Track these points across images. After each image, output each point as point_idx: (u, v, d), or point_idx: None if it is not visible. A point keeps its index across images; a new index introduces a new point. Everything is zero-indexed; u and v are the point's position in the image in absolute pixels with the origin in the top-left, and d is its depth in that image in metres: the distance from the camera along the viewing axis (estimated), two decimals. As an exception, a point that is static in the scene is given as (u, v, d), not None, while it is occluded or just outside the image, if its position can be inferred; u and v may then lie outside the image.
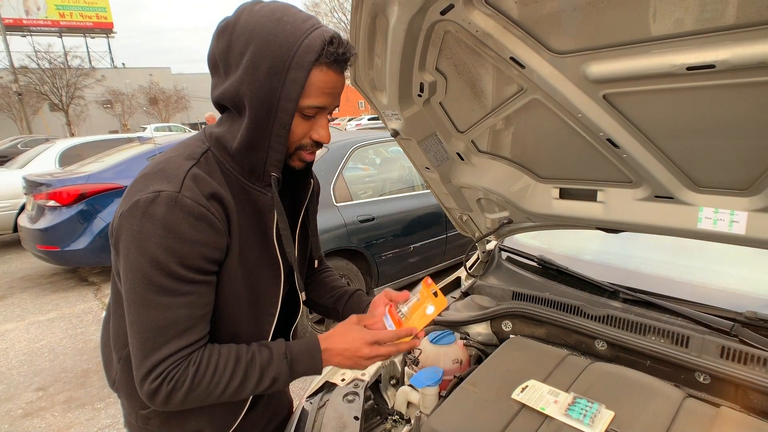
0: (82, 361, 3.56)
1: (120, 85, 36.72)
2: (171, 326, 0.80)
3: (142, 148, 5.23)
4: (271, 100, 0.79)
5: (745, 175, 0.99)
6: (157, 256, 0.77)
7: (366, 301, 1.18)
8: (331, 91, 0.83)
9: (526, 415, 1.05)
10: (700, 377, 1.12)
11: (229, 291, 0.90)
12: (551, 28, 0.91)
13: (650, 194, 1.18)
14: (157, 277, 0.78)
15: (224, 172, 0.88)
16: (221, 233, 0.84)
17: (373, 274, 3.68)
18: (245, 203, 0.90)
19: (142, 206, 0.78)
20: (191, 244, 0.79)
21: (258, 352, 0.89)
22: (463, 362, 1.40)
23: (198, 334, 0.84)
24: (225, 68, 0.83)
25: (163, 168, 0.83)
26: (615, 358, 1.28)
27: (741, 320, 1.17)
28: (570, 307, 1.40)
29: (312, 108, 0.83)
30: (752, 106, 0.84)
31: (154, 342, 0.80)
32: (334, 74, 0.82)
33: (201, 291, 0.83)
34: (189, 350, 0.83)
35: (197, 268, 0.81)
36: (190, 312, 0.82)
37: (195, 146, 0.89)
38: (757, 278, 1.33)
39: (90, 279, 5.46)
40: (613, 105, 1.00)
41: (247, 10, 0.81)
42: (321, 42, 0.77)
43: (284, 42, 0.77)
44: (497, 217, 1.64)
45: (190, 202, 0.79)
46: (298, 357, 0.91)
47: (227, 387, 0.85)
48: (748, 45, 0.74)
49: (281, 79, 0.78)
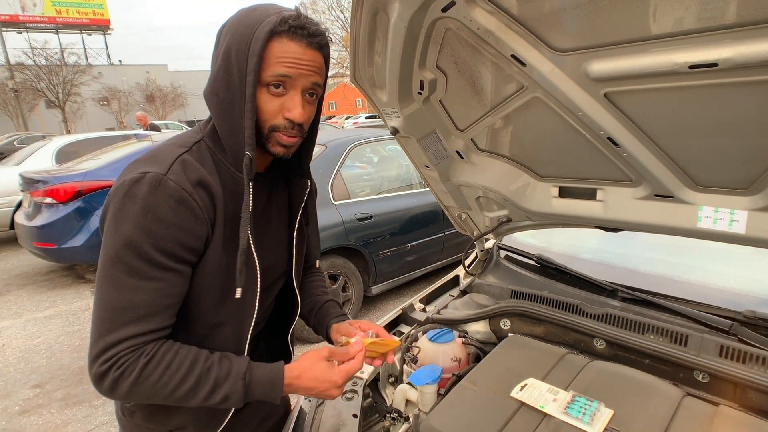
0: (79, 358, 3.54)
1: (117, 82, 36.56)
2: (131, 309, 0.78)
3: (139, 145, 5.21)
4: (240, 79, 0.81)
5: (746, 174, 0.99)
6: (131, 235, 0.77)
7: (331, 315, 1.17)
8: (293, 61, 0.82)
9: (525, 414, 1.04)
10: (699, 376, 1.12)
11: (210, 281, 0.88)
12: (552, 25, 0.91)
13: (650, 193, 1.18)
14: (127, 257, 0.77)
15: (216, 162, 0.89)
16: (201, 221, 0.83)
17: (371, 272, 3.68)
18: (235, 194, 0.89)
19: (127, 185, 0.78)
20: (168, 227, 0.79)
21: (217, 364, 0.85)
22: (462, 360, 1.40)
23: (157, 323, 0.81)
24: (212, 64, 0.87)
25: (155, 154, 0.85)
26: (614, 357, 1.28)
27: (740, 319, 1.18)
28: (569, 306, 1.40)
29: (273, 77, 0.82)
30: (754, 105, 0.84)
31: (111, 322, 0.78)
32: (295, 45, 0.82)
33: (170, 279, 0.81)
34: (144, 338, 0.79)
35: (170, 253, 0.80)
36: (155, 298, 0.80)
37: (189, 136, 0.91)
38: (755, 277, 1.33)
39: (87, 276, 5.44)
40: (614, 103, 1.00)
41: (236, 12, 0.86)
42: (277, 17, 0.80)
43: (249, 24, 0.81)
44: (496, 216, 1.64)
45: (173, 185, 0.79)
46: (258, 381, 0.87)
47: (175, 390, 0.81)
48: (751, 43, 0.74)
49: (244, 57, 0.80)
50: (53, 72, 29.72)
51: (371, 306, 4.09)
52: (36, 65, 29.15)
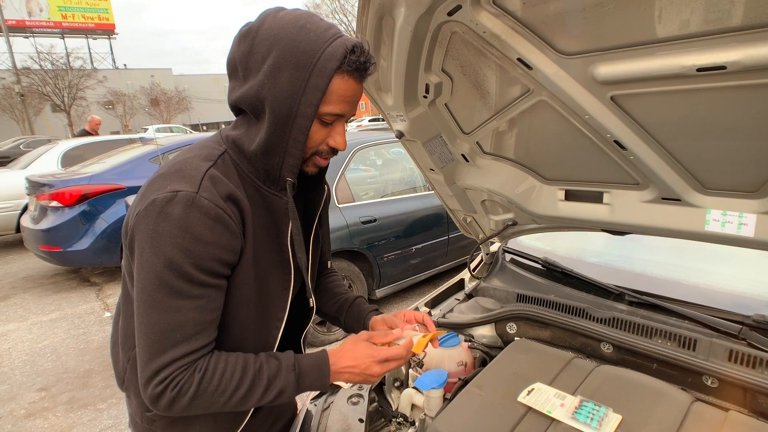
0: (84, 361, 3.55)
1: (121, 86, 36.81)
2: (178, 329, 0.80)
3: (145, 149, 5.23)
4: (291, 105, 0.80)
5: (754, 176, 0.98)
6: (171, 257, 0.77)
7: (366, 310, 1.19)
8: (351, 98, 0.84)
9: (533, 419, 1.04)
10: (708, 381, 1.11)
11: (239, 295, 0.89)
12: (559, 28, 0.91)
13: (657, 196, 1.18)
14: (169, 278, 0.78)
15: (240, 175, 0.88)
16: (236, 236, 0.83)
17: (375, 275, 3.68)
18: (260, 206, 0.90)
19: (159, 205, 0.77)
20: (206, 246, 0.79)
21: (266, 363, 0.88)
22: (468, 365, 1.39)
23: (205, 339, 0.83)
24: (245, 72, 0.83)
25: (181, 168, 0.83)
26: (621, 361, 1.27)
27: (749, 323, 1.16)
28: (575, 310, 1.39)
29: (331, 115, 0.84)
30: (762, 107, 0.83)
31: (160, 345, 0.79)
32: (354, 82, 0.83)
33: (211, 295, 0.83)
34: (195, 356, 0.82)
35: (210, 270, 0.81)
36: (200, 316, 0.81)
37: (212, 148, 0.90)
38: (764, 281, 1.32)
39: (92, 279, 5.47)
40: (620, 106, 1.00)
41: (271, 16, 0.82)
42: (344, 50, 0.79)
43: (307, 48, 0.78)
44: (502, 219, 1.63)
45: (207, 203, 0.79)
46: (307, 370, 0.91)
47: (232, 396, 0.84)
48: (760, 46, 0.73)
49: (302, 85, 0.78)
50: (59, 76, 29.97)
51: (375, 309, 4.08)
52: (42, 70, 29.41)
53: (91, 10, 38.03)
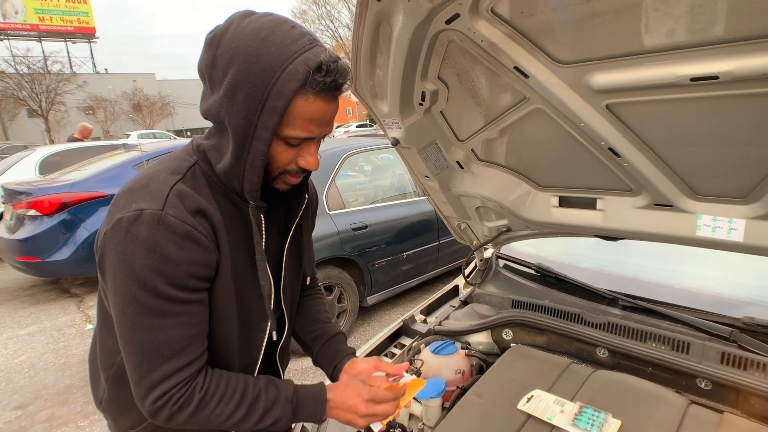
0: (64, 376, 3.44)
1: (102, 91, 36.13)
2: (164, 347, 0.79)
3: (128, 156, 5.12)
4: (248, 128, 0.75)
5: (744, 183, 1.01)
6: (144, 278, 0.75)
7: (344, 351, 1.15)
8: (320, 120, 0.78)
9: (533, 426, 1.04)
10: (702, 383, 1.13)
11: (220, 308, 0.88)
12: (556, 38, 0.92)
13: (650, 202, 1.20)
14: (145, 299, 0.76)
15: (211, 186, 0.85)
16: (209, 250, 0.81)
17: (366, 282, 3.66)
18: (235, 216, 0.87)
19: (125, 226, 0.75)
20: (178, 264, 0.76)
21: (265, 390, 0.88)
22: (465, 372, 1.39)
23: (195, 352, 0.82)
24: (210, 83, 0.80)
25: (147, 183, 0.80)
26: (617, 366, 1.28)
27: (739, 326, 1.19)
28: (570, 315, 1.40)
29: (297, 138, 0.79)
30: (753, 116, 0.86)
31: (149, 363, 0.79)
32: (322, 103, 0.76)
33: (193, 310, 0.81)
34: (189, 370, 0.81)
35: (187, 287, 0.79)
36: (183, 332, 0.80)
37: (182, 159, 0.86)
38: (752, 284, 1.35)
39: (72, 290, 5.31)
40: (615, 114, 1.01)
41: (236, 23, 0.75)
42: (305, 69, 0.71)
43: (266, 66, 0.71)
44: (496, 226, 1.64)
45: (174, 221, 0.76)
46: (304, 403, 0.91)
47: (229, 418, 0.85)
48: (751, 57, 0.76)
49: (259, 107, 0.73)
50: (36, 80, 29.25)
51: (367, 317, 4.06)
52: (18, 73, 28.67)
53: (70, 13, 37.31)
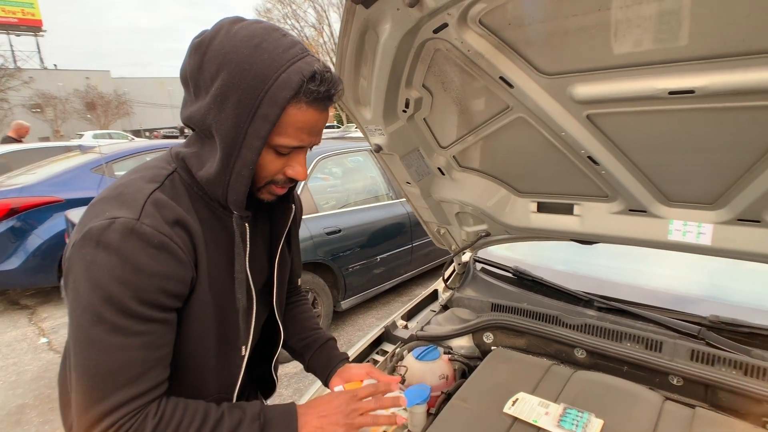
0: (15, 396, 3.20)
1: (52, 88, 34.13)
2: (122, 371, 0.71)
3: (85, 158, 4.85)
4: (236, 136, 0.73)
5: (713, 190, 1.07)
6: (110, 290, 0.69)
7: (337, 357, 1.13)
8: (311, 129, 0.77)
9: (519, 429, 1.06)
10: (674, 380, 1.19)
11: (198, 328, 0.82)
12: (542, 50, 0.94)
13: (625, 208, 1.25)
14: (108, 314, 0.69)
15: (191, 196, 0.82)
16: (185, 265, 0.76)
17: (340, 286, 3.63)
18: (215, 227, 0.84)
19: (95, 234, 0.70)
20: (149, 277, 0.71)
21: (228, 413, 0.81)
22: (449, 377, 1.40)
23: (154, 379, 0.75)
24: (194, 89, 0.77)
25: (122, 192, 0.76)
26: (594, 366, 1.32)
27: (706, 324, 1.26)
28: (548, 317, 1.44)
29: (286, 147, 0.78)
30: (724, 128, 0.91)
31: (101, 389, 0.70)
32: (314, 112, 0.75)
33: (158, 330, 0.75)
34: (144, 399, 0.73)
35: (155, 303, 0.73)
36: (145, 354, 0.73)
37: (160, 168, 0.82)
38: (716, 283, 1.43)
39: (23, 302, 4.97)
40: (595, 124, 1.05)
41: (225, 29, 0.74)
42: (300, 78, 0.71)
43: (259, 72, 0.70)
44: (475, 231, 1.67)
45: (149, 230, 0.71)
46: (272, 422, 0.84)
47: None
48: (725, 74, 0.80)
49: (250, 114, 0.71)
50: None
51: (341, 321, 4.03)
52: (-46, 68, 26.73)
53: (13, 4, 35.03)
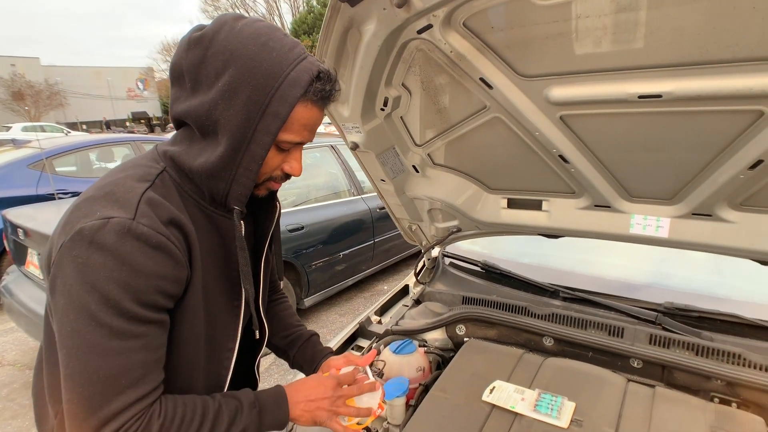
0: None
1: (-30, 75, 31.06)
2: (123, 375, 0.70)
3: (20, 153, 4.46)
4: (246, 131, 0.74)
5: (671, 186, 1.17)
6: (107, 293, 0.67)
7: (322, 352, 1.16)
8: (312, 126, 0.81)
9: (498, 415, 1.11)
10: (634, 363, 1.28)
11: (189, 329, 0.81)
12: (521, 53, 0.98)
13: (590, 203, 1.33)
14: (106, 317, 0.68)
15: (182, 195, 0.80)
16: (181, 265, 0.75)
17: (303, 284, 3.59)
18: (205, 228, 0.83)
19: (88, 235, 0.67)
20: (148, 278, 0.70)
21: (225, 402, 0.83)
22: (426, 369, 1.43)
23: (154, 381, 0.74)
24: (193, 83, 0.76)
25: (111, 191, 0.73)
26: (561, 353, 1.40)
27: (662, 310, 1.37)
28: (517, 308, 1.51)
29: (289, 143, 0.80)
30: (685, 130, 1.00)
31: (103, 395, 0.69)
32: (317, 110, 0.79)
33: (155, 332, 0.74)
34: (146, 401, 0.73)
35: (153, 305, 0.72)
36: (145, 356, 0.72)
37: (148, 166, 0.80)
38: (669, 273, 1.56)
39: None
40: (568, 125, 1.11)
41: (228, 25, 0.74)
42: (309, 76, 0.74)
43: (269, 70, 0.72)
44: (446, 227, 1.71)
45: (147, 230, 0.69)
46: (266, 406, 0.87)
47: None
48: (689, 80, 0.88)
49: (260, 110, 0.73)
50: None
51: (304, 319, 3.98)
52: None
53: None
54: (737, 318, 1.28)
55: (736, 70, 0.85)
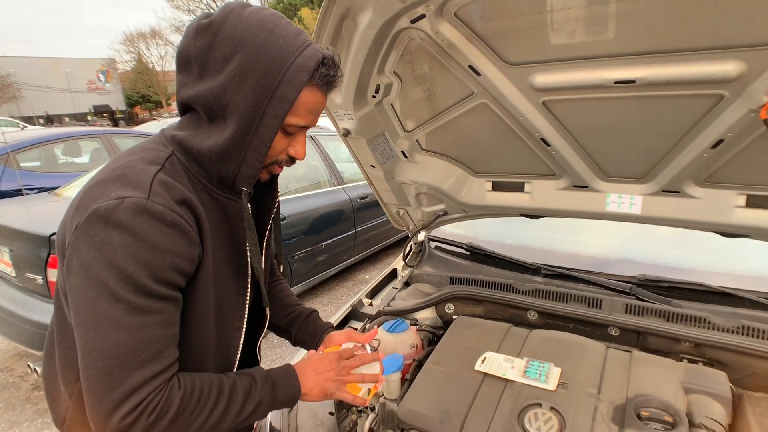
0: None
1: None
2: (143, 349, 0.72)
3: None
4: (255, 114, 0.77)
5: (643, 166, 1.26)
6: (125, 269, 0.69)
7: (323, 327, 1.20)
8: (317, 110, 0.84)
9: (491, 383, 1.19)
10: (612, 331, 1.39)
11: (200, 307, 0.84)
12: (508, 41, 1.05)
13: (569, 184, 1.42)
14: (124, 294, 0.70)
15: (190, 178, 0.83)
16: (194, 243, 0.78)
17: (286, 274, 3.60)
18: (213, 210, 0.86)
19: (104, 215, 0.70)
20: (164, 255, 0.72)
21: (239, 379, 0.87)
22: (418, 346, 1.50)
23: (171, 357, 0.77)
24: (201, 69, 0.78)
25: (123, 173, 0.75)
26: (545, 325, 1.50)
27: (636, 282, 1.48)
28: (502, 285, 1.59)
29: (295, 126, 0.83)
30: (656, 113, 1.08)
31: (123, 369, 0.70)
32: (321, 95, 0.82)
33: (170, 308, 0.77)
34: (165, 375, 0.75)
35: (169, 281, 0.75)
36: (162, 332, 0.74)
37: (157, 150, 0.82)
38: (640, 248, 1.68)
39: None
40: (549, 110, 1.19)
41: (236, 12, 0.77)
42: (315, 62, 0.77)
43: (276, 56, 0.75)
44: (433, 210, 1.77)
45: (161, 209, 0.72)
46: (278, 382, 0.91)
47: (210, 415, 0.80)
48: (660, 67, 0.96)
49: (269, 94, 0.76)
50: None
51: (286, 309, 4.00)
52: None
53: None
54: (702, 286, 1.40)
55: (699, 58, 0.94)
